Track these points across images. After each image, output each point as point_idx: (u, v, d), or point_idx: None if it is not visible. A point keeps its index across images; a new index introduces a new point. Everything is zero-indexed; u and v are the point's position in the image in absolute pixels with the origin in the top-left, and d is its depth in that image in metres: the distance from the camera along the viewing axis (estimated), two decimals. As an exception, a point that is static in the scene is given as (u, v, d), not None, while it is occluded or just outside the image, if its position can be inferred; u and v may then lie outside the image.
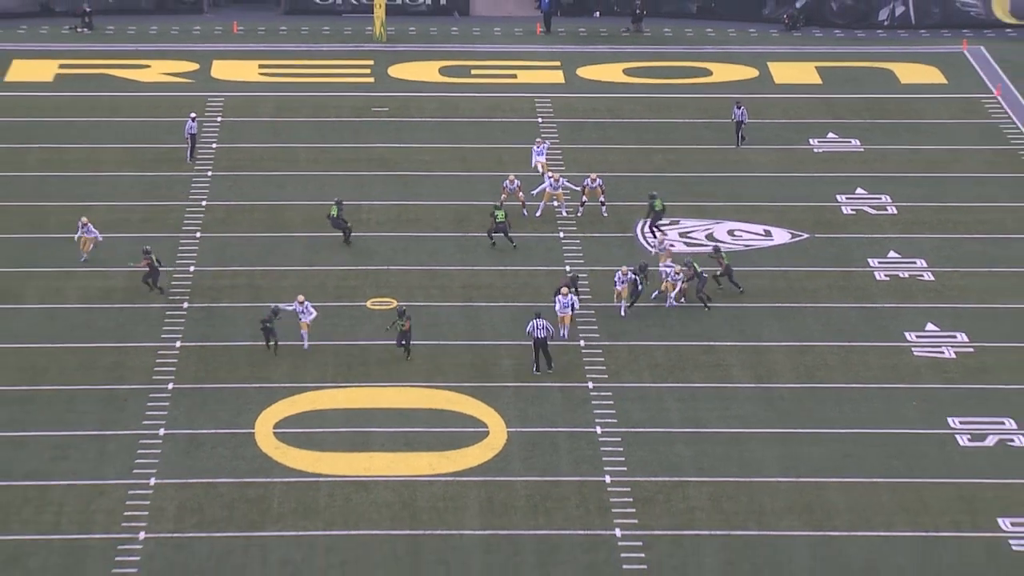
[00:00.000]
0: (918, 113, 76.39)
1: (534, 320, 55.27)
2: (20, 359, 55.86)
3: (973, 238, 65.14)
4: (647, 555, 47.12)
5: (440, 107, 76.30)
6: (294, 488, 49.84)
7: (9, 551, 46.85)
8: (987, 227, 66.06)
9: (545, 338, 55.25)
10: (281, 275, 61.34)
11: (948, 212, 67.18)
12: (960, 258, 63.59)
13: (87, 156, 70.73)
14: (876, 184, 69.29)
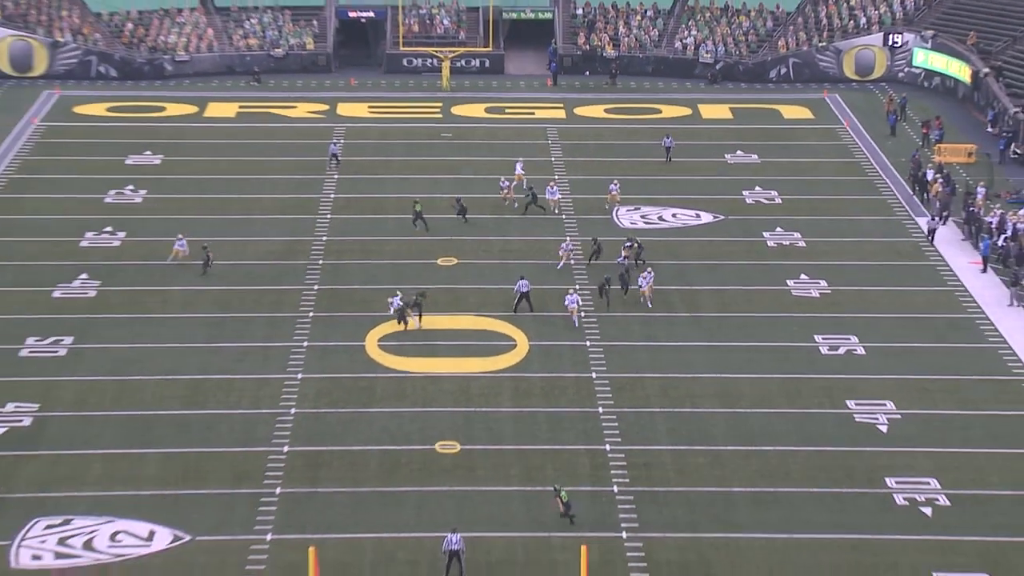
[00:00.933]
0: (794, 137, 76.42)
1: (520, 281, 55.35)
2: (214, 296, 56.19)
3: (832, 219, 65.34)
4: (620, 426, 47.59)
5: (485, 133, 76.44)
6: (390, 381, 50.45)
7: (208, 421, 47.43)
8: (840, 211, 66.26)
9: (527, 292, 55.02)
10: (382, 243, 61.56)
11: (815, 201, 67.38)
12: (824, 231, 63.78)
13: (257, 165, 70.90)
14: (768, 183, 69.40)
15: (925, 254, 61.78)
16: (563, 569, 40.08)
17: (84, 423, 47.30)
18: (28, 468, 44.63)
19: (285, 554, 40.52)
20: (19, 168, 70.16)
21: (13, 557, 40.35)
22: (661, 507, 43.27)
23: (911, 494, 44.13)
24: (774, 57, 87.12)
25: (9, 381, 49.66)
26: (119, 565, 40.12)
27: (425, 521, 42.29)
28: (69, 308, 55.36)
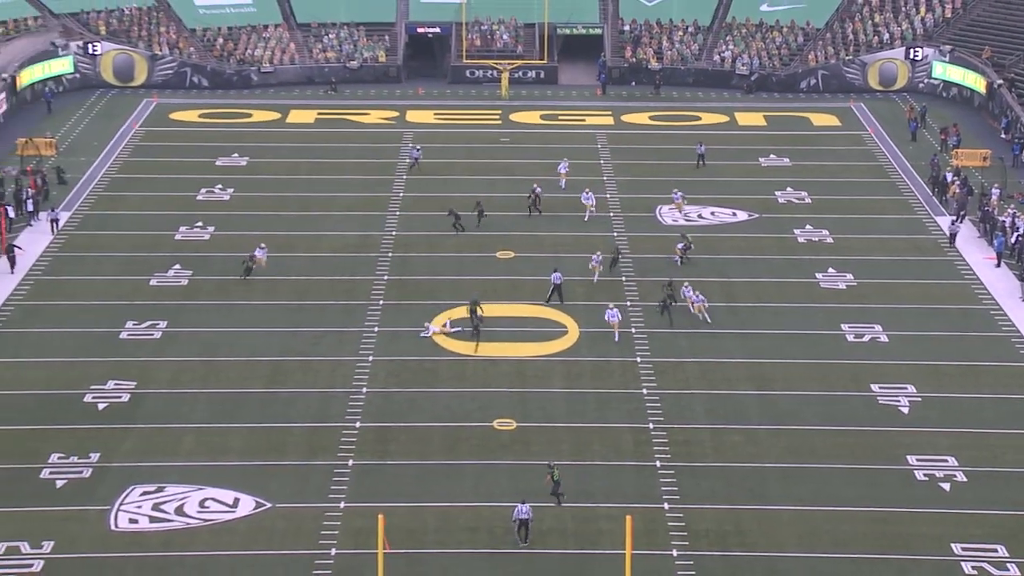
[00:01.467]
0: (823, 142, 75.69)
1: (553, 273, 54.73)
2: (292, 285, 56.17)
3: (858, 217, 64.66)
4: (662, 406, 47.25)
5: (540, 138, 76.05)
6: (453, 363, 50.24)
7: (287, 399, 47.36)
8: (865, 210, 65.56)
9: (560, 284, 54.31)
10: (446, 238, 61.37)
11: (842, 201, 66.67)
12: (850, 229, 63.12)
13: (334, 167, 70.81)
14: (799, 185, 68.73)
15: (944, 250, 60.95)
16: (608, 538, 39.62)
17: (176, 400, 47.22)
18: (126, 440, 44.60)
19: (356, 521, 40.26)
20: (120, 168, 70.32)
21: (112, 520, 40.31)
22: (700, 481, 42.74)
23: (930, 471, 43.37)
24: (805, 69, 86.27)
25: (110, 361, 49.68)
26: (207, 529, 39.97)
27: (483, 492, 41.92)
28: (164, 295, 55.36)
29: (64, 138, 74.29)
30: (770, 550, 39.42)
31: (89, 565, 38.18)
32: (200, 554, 38.77)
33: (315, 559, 38.55)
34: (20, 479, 42.23)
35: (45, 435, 44.63)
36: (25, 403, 46.66)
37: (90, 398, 47.07)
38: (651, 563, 38.48)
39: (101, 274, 57.33)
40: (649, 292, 55.90)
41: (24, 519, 40.13)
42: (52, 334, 51.84)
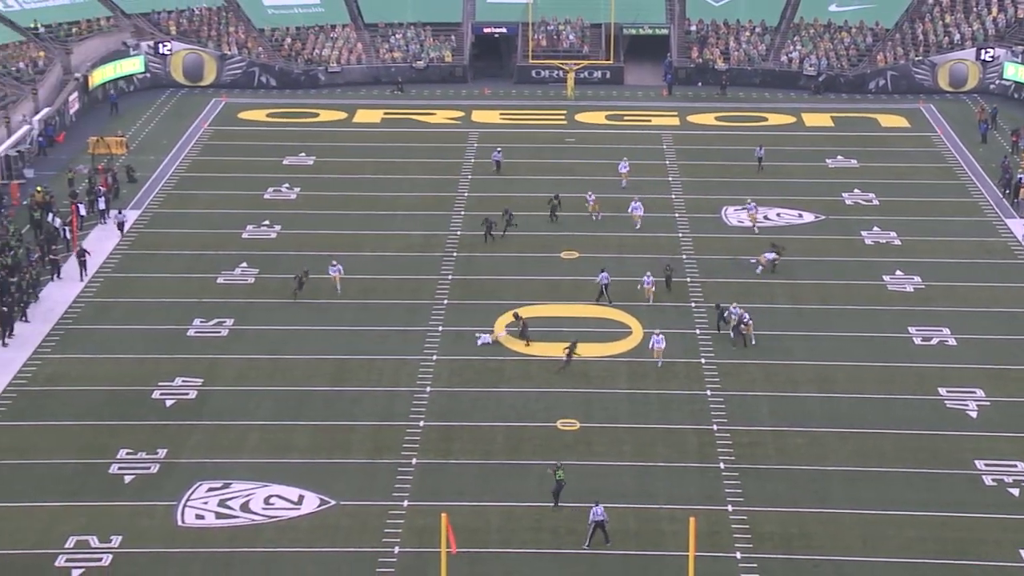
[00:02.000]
0: (891, 143, 75.05)
1: (601, 273, 54.56)
2: (361, 284, 56.49)
3: (926, 219, 64.03)
4: (726, 408, 47.07)
5: (605, 138, 75.91)
6: (516, 363, 50.23)
7: (352, 397, 47.56)
8: (934, 212, 64.91)
9: (607, 284, 54.16)
10: (510, 237, 61.49)
11: (910, 203, 66.10)
12: (918, 231, 62.54)
13: (400, 166, 71.12)
14: (866, 186, 68.20)
15: (1013, 252, 60.22)
16: (671, 539, 39.51)
17: (243, 397, 47.61)
18: (193, 436, 45.03)
19: (419, 519, 40.41)
20: (189, 167, 70.99)
21: (179, 516, 40.70)
22: (764, 483, 42.51)
23: (999, 475, 42.87)
24: (873, 70, 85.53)
25: (178, 358, 50.18)
26: (272, 526, 40.27)
27: (547, 492, 41.90)
28: (231, 293, 55.84)
29: (134, 137, 75.11)
30: (834, 554, 39.13)
31: (157, 560, 38.58)
32: (265, 550, 39.07)
33: (379, 557, 38.73)
34: (90, 474, 42.77)
35: (114, 431, 45.16)
36: (95, 399, 47.24)
37: (158, 394, 47.56)
38: (714, 565, 38.32)
39: (169, 272, 57.91)
40: (713, 293, 55.66)
41: (93, 513, 40.63)
42: (121, 331, 52.45)
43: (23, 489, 41.91)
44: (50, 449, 44.18)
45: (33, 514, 40.55)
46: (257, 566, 38.40)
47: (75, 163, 70.56)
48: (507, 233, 60.34)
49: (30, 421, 45.97)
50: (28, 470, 43.01)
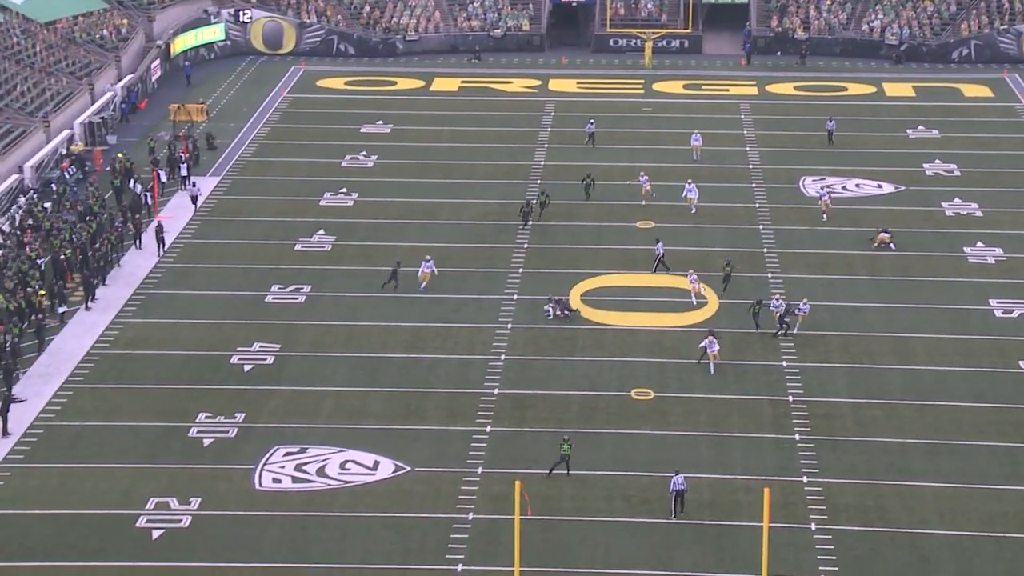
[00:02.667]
0: (974, 114, 73.92)
1: (657, 244, 54.17)
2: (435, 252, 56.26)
3: (1009, 191, 63.04)
4: (802, 379, 46.61)
5: (682, 107, 75.40)
6: (591, 332, 50.11)
7: (427, 364, 47.65)
8: (1017, 183, 64.09)
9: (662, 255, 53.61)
10: (586, 206, 61.32)
11: (993, 174, 65.15)
12: (1001, 203, 61.62)
13: (475, 135, 71.03)
14: (948, 157, 67.25)
15: (1098, 225, 59.22)
16: (746, 510, 39.27)
17: (319, 363, 47.89)
18: (271, 401, 45.37)
19: (493, 486, 40.48)
20: (268, 135, 71.38)
21: (257, 479, 41.06)
22: (840, 455, 42.13)
23: (1080, 451, 42.24)
24: (957, 39, 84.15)
25: (256, 324, 50.56)
26: (348, 491, 40.51)
27: (621, 460, 41.84)
28: (308, 260, 56.13)
29: (214, 104, 75.63)
30: (912, 526, 38.72)
31: (234, 522, 38.97)
32: (340, 515, 39.33)
33: (453, 523, 38.85)
34: (170, 436, 43.26)
35: (193, 395, 45.62)
36: (174, 363, 47.73)
37: (236, 359, 47.96)
38: (789, 536, 38.06)
39: (248, 238, 58.31)
40: (791, 263, 55.15)
41: (173, 476, 41.11)
42: (201, 297, 52.92)
43: (105, 450, 42.49)
44: (131, 412, 44.72)
45: (115, 475, 41.11)
46: (332, 530, 38.66)
47: (156, 130, 71.18)
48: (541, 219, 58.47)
49: (112, 384, 46.56)
50: (110, 432, 43.60)
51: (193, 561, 37.12)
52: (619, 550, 37.66)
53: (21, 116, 67.95)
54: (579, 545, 37.90)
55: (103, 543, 37.90)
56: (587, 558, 37.34)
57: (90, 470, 41.40)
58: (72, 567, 36.82)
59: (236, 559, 37.15)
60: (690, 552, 37.57)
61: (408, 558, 37.32)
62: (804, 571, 36.72)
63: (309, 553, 37.54)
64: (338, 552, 37.61)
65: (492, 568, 36.76)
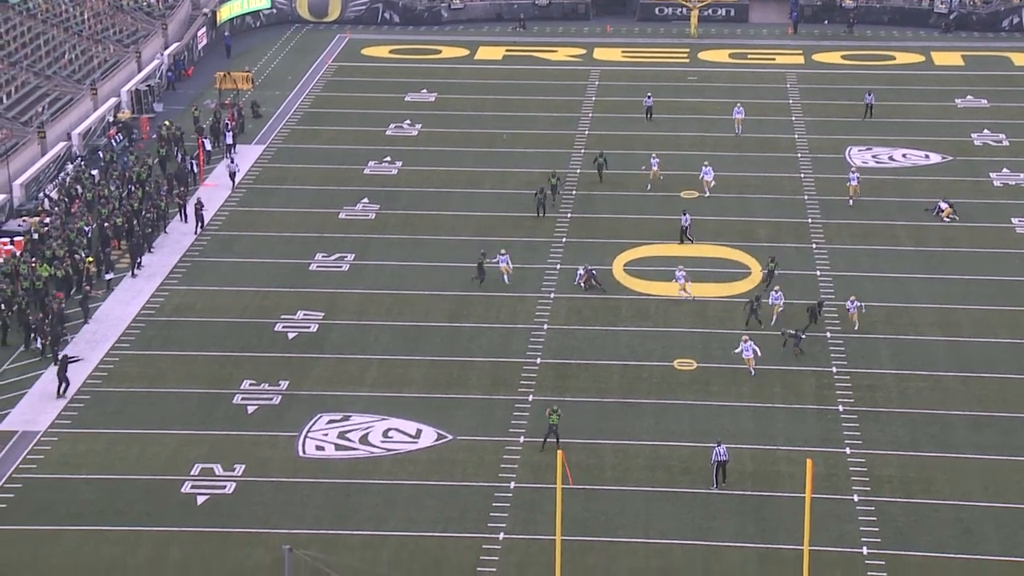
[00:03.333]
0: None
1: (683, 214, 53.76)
2: (478, 221, 56.41)
3: (1059, 161, 62.29)
4: (846, 350, 46.39)
5: (728, 76, 74.91)
6: (634, 302, 50.01)
7: (470, 333, 47.76)
8: (1068, 153, 63.10)
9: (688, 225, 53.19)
10: (629, 176, 61.10)
11: (1043, 144, 64.28)
12: (1050, 173, 60.92)
13: (520, 103, 70.92)
14: (996, 127, 66.53)
15: None
16: (788, 481, 39.15)
17: (362, 331, 48.03)
18: (314, 369, 45.56)
19: (535, 455, 40.50)
20: (313, 103, 71.46)
21: (300, 447, 41.27)
22: (883, 426, 41.90)
23: None
24: (1008, 7, 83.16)
25: (300, 292, 50.75)
26: (391, 458, 40.67)
27: (663, 430, 41.79)
28: (352, 228, 56.24)
29: (260, 73, 75.75)
30: (955, 499, 38.50)
31: (278, 489, 39.21)
32: (383, 482, 39.50)
33: (495, 491, 38.94)
34: (214, 403, 43.54)
35: (238, 362, 45.88)
36: (219, 330, 48.00)
37: (280, 327, 48.18)
38: (831, 507, 37.93)
39: (292, 206, 58.47)
40: (834, 235, 54.80)
41: (217, 442, 41.39)
42: (245, 264, 53.15)
43: (151, 416, 42.82)
44: (177, 378, 45.03)
45: (161, 441, 41.44)
46: (375, 497, 38.84)
47: (202, 98, 71.39)
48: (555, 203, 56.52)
49: (157, 350, 46.89)
50: (156, 398, 43.92)
51: (237, 527, 37.38)
52: (660, 520, 37.65)
53: (69, 84, 68.35)
54: (620, 515, 37.91)
55: (149, 508, 38.24)
56: (628, 527, 37.35)
57: (136, 436, 41.75)
58: (119, 531, 37.17)
59: (280, 525, 37.38)
60: (731, 523, 37.50)
61: (450, 526, 37.44)
62: (846, 542, 36.59)
63: (352, 520, 37.74)
64: (380, 519, 37.78)
65: (533, 536, 36.83)
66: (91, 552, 36.23)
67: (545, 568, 34.89)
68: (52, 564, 35.82)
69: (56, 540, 36.80)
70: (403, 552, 36.31)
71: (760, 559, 35.97)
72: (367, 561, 35.56)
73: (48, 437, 41.70)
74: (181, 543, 36.64)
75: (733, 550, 36.33)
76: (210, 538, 36.90)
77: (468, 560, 35.91)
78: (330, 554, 35.20)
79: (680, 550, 36.35)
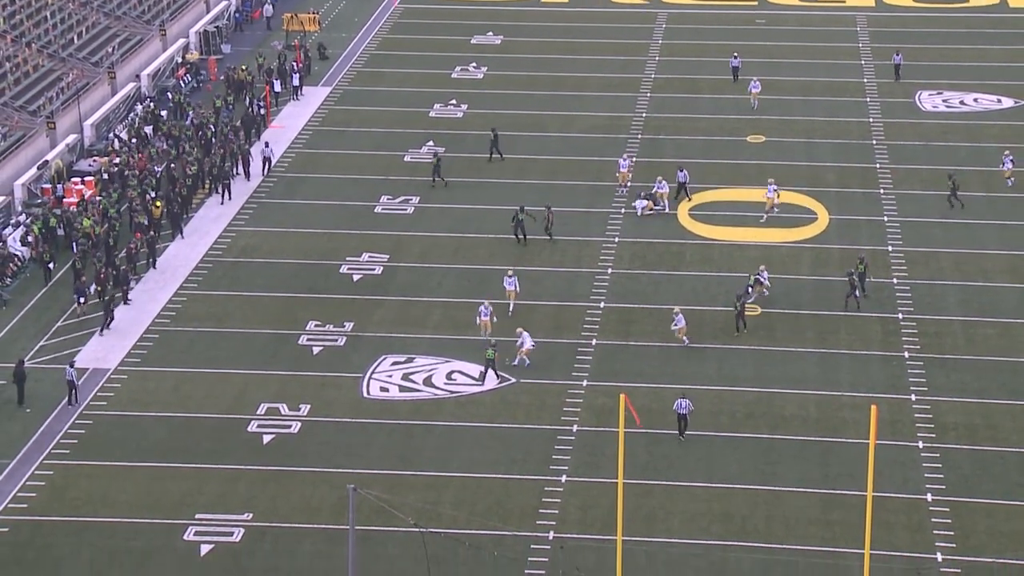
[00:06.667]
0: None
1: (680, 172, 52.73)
2: (543, 165, 56.07)
3: None
4: (913, 296, 45.84)
5: (795, 20, 73.88)
6: (698, 247, 49.68)
7: (534, 277, 47.73)
8: None
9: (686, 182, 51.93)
10: (695, 120, 60.68)
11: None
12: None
13: (586, 47, 70.49)
14: (1071, 70, 65.22)
15: None
16: (852, 427, 38.85)
17: (427, 274, 48.06)
18: (379, 311, 45.69)
19: (598, 399, 40.48)
20: (379, 45, 71.27)
21: (364, 388, 41.46)
22: (949, 373, 41.43)
23: None
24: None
25: (365, 234, 50.83)
26: (454, 401, 40.76)
27: (727, 376, 41.58)
28: (418, 171, 56.13)
29: (326, 14, 75.62)
30: (1021, 446, 38.02)
31: (342, 430, 39.45)
32: (447, 424, 39.62)
33: (557, 435, 38.95)
34: (280, 343, 43.81)
35: (304, 303, 46.10)
36: (285, 271, 48.23)
37: (346, 269, 48.31)
38: (895, 453, 37.61)
39: (358, 149, 58.47)
40: (903, 180, 54.08)
41: (283, 382, 41.68)
42: (311, 206, 53.28)
43: (219, 356, 43.18)
44: (243, 319, 45.34)
45: (228, 380, 41.79)
46: (438, 439, 38.98)
47: (269, 40, 71.39)
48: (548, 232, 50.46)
49: (224, 291, 47.20)
50: (223, 338, 44.27)
51: (302, 466, 37.68)
52: (722, 465, 37.52)
53: (139, 24, 68.62)
54: (683, 459, 37.81)
55: (216, 446, 38.63)
56: (691, 472, 37.24)
57: (203, 375, 42.13)
58: (186, 468, 37.59)
59: (344, 465, 37.63)
60: (794, 468, 37.30)
61: (512, 468, 37.52)
62: (910, 489, 36.29)
63: (415, 461, 37.91)
64: (443, 461, 37.92)
65: (596, 480, 36.84)
66: (160, 489, 36.67)
67: (607, 511, 34.91)
68: (122, 500, 36.31)
69: (126, 476, 37.30)
70: (465, 493, 36.46)
71: (823, 505, 35.77)
72: (430, 502, 35.74)
73: (118, 375, 42.20)
74: (247, 481, 37.01)
75: (796, 495, 36.14)
76: (276, 477, 37.24)
77: (530, 502, 35.99)
78: (393, 494, 35.39)
79: (742, 495, 36.21)
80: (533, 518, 35.26)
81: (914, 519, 35.08)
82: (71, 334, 44.39)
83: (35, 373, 41.68)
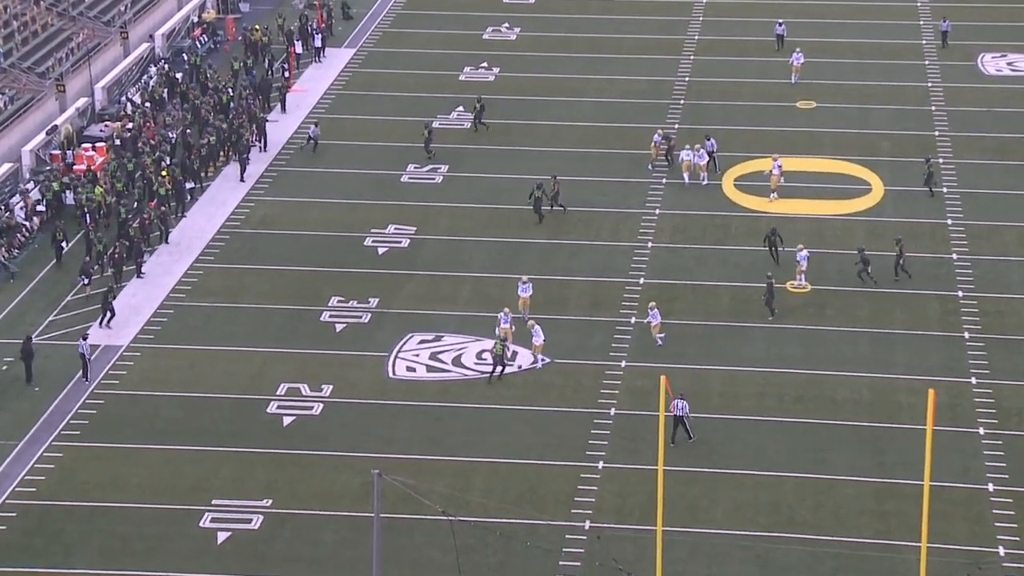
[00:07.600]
0: None
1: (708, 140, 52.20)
2: (577, 132, 55.80)
3: None
4: (973, 273, 45.52)
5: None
6: (744, 219, 49.42)
7: (572, 251, 47.55)
8: None
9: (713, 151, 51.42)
10: (741, 84, 60.15)
11: None
12: None
13: (624, 6, 70.28)
14: None
15: None
16: (908, 411, 38.52)
17: (456, 247, 47.88)
18: (406, 286, 45.55)
19: (637, 380, 40.25)
20: (407, 4, 71.00)
21: (390, 367, 41.33)
22: (1013, 355, 41.05)
23: None
24: None
25: (391, 204, 50.65)
26: (484, 381, 40.59)
27: (773, 356, 41.29)
28: (446, 138, 55.88)
29: (350, -27, 75.31)
30: (1089, 435, 37.72)
31: (366, 411, 39.34)
32: (476, 406, 39.48)
33: (593, 418, 38.75)
34: (301, 320, 43.72)
35: (326, 277, 45.98)
36: (306, 244, 48.12)
37: (370, 242, 48.19)
38: (954, 440, 37.25)
39: (383, 114, 58.28)
40: (965, 148, 53.57)
41: (304, 361, 41.58)
42: (334, 175, 53.14)
43: (235, 333, 43.13)
44: (262, 293, 45.26)
45: (246, 358, 41.74)
46: (468, 421, 38.84)
47: (290, -1, 71.28)
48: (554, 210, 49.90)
49: (242, 264, 47.13)
50: (240, 314, 44.21)
51: (324, 450, 37.61)
52: (769, 450, 37.26)
53: (151, -16, 68.42)
54: (727, 444, 37.59)
55: (233, 428, 38.58)
56: (735, 457, 37.01)
57: (220, 352, 42.09)
58: (201, 451, 37.56)
59: (368, 449, 37.54)
60: (846, 455, 37.01)
61: (546, 453, 37.36)
62: (970, 478, 35.97)
63: (443, 445, 37.78)
64: (473, 445, 37.78)
65: (634, 467, 36.64)
66: (173, 472, 36.66)
67: (646, 499, 34.71)
68: (134, 484, 36.32)
69: (139, 459, 37.31)
70: (496, 480, 36.31)
71: (877, 494, 35.48)
72: (458, 488, 35.61)
73: (130, 352, 42.19)
74: (266, 466, 36.96)
75: (848, 484, 35.87)
76: (297, 460, 37.17)
77: (565, 489, 35.82)
78: (420, 480, 35.27)
79: (791, 483, 35.95)
80: (568, 506, 35.11)
81: (974, 510, 34.76)
82: (81, 308, 44.40)
83: (44, 350, 41.72)
